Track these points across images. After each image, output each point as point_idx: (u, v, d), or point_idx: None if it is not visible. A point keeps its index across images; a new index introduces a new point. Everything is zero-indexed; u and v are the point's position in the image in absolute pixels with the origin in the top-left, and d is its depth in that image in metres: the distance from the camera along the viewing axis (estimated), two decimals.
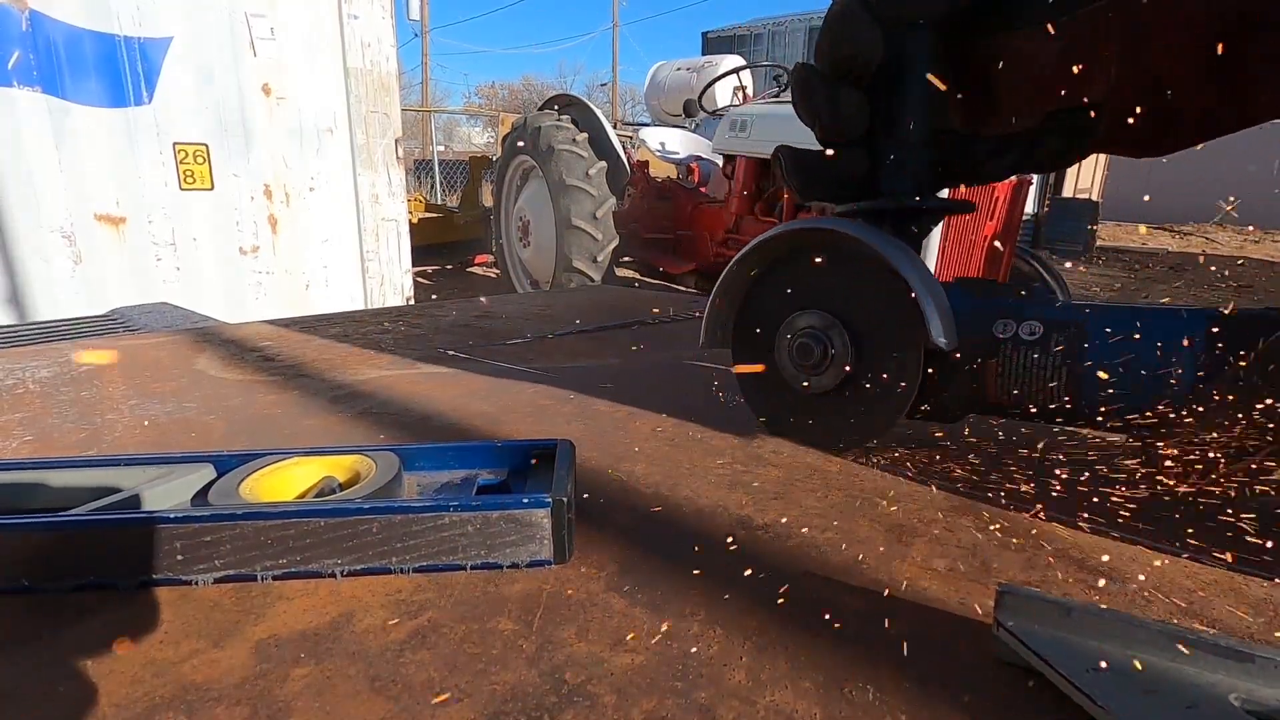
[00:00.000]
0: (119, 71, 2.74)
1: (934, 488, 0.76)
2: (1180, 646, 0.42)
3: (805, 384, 0.83)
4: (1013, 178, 3.28)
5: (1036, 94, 0.82)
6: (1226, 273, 7.64)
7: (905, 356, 0.76)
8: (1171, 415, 0.68)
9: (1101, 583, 0.58)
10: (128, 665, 0.46)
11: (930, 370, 0.77)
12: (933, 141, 0.81)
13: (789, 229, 0.83)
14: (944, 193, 0.94)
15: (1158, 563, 0.61)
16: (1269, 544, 0.62)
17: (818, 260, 0.82)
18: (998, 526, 0.67)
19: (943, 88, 0.78)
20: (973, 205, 0.92)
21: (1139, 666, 0.42)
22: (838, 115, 0.80)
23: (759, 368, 0.87)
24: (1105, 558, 0.62)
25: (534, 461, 0.69)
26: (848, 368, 0.79)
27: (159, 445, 0.85)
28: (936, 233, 3.20)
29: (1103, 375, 0.71)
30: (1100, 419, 0.73)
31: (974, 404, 0.80)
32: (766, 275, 0.86)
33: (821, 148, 0.85)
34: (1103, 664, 0.42)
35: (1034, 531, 0.66)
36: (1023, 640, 0.45)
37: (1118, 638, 0.44)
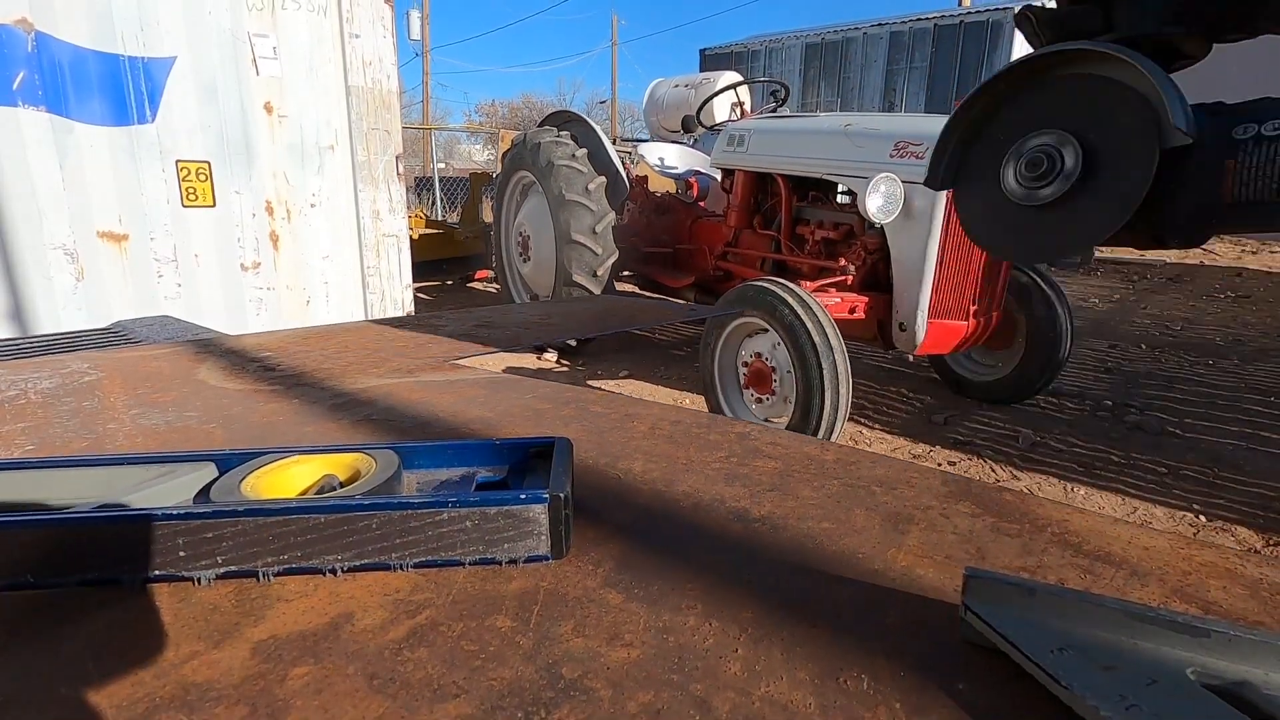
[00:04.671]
0: (123, 91, 2.77)
1: (930, 475, 0.76)
2: (1139, 623, 0.43)
3: (1030, 197, 0.86)
4: None
5: None
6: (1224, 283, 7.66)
7: (1138, 146, 0.76)
8: None
9: (1097, 567, 0.58)
10: (128, 667, 0.46)
11: (1161, 176, 0.75)
12: None
13: (1019, 62, 0.89)
14: None
15: (1153, 545, 0.61)
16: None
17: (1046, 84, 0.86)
18: (994, 512, 0.67)
19: None
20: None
21: (1099, 644, 0.43)
22: None
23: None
24: (1101, 542, 0.62)
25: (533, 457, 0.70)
26: (1077, 174, 0.81)
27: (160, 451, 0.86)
28: (935, 238, 3.20)
29: None
30: None
31: (1207, 211, 0.77)
32: (995, 111, 0.92)
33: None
34: (1063, 644, 0.43)
35: (1030, 517, 0.66)
36: (988, 622, 0.46)
37: (1080, 616, 0.45)
